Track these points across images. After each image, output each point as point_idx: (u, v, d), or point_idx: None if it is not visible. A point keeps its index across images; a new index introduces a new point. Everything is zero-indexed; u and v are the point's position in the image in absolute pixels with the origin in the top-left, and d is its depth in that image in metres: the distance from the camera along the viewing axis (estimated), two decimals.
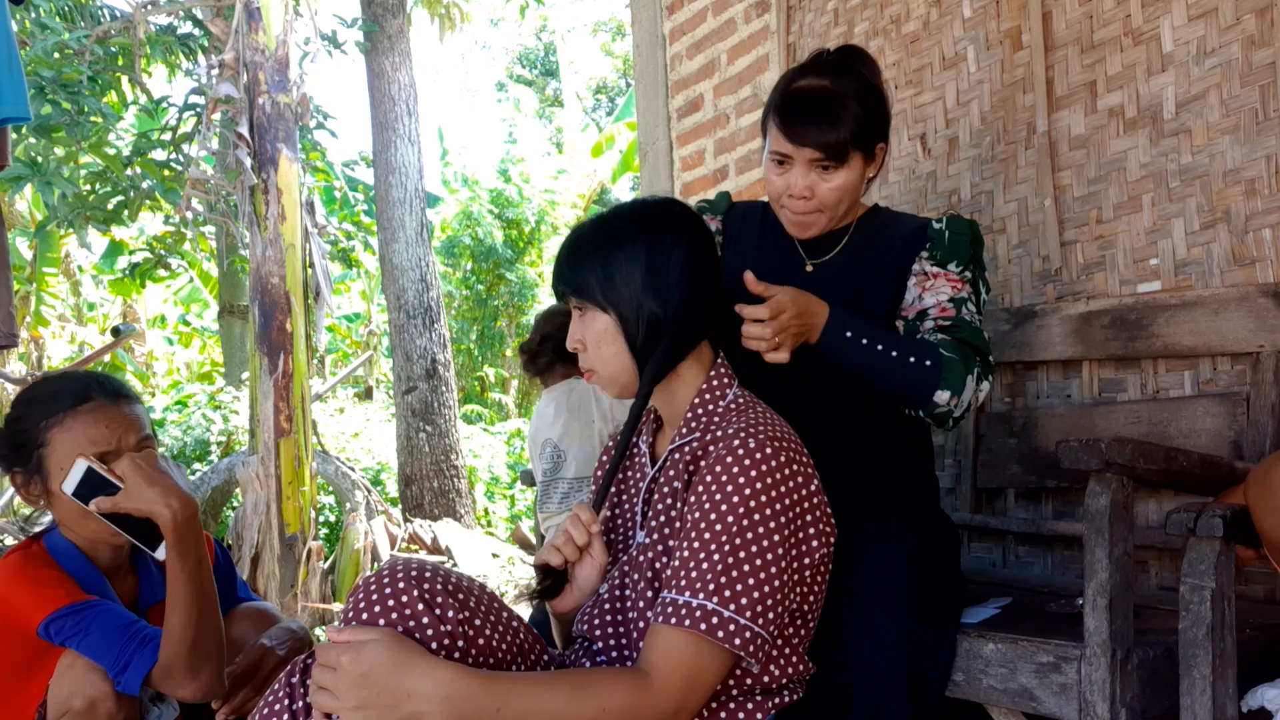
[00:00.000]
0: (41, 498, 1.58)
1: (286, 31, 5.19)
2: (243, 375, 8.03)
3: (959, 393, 1.55)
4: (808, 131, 1.60)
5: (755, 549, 1.20)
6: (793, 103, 1.64)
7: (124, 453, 1.55)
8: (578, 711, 1.12)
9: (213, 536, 1.86)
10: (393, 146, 7.25)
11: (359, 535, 5.59)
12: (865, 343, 1.54)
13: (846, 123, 1.60)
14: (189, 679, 1.48)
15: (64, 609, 1.48)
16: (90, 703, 1.47)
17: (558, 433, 2.87)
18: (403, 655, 1.11)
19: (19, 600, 1.50)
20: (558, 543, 1.42)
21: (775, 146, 1.65)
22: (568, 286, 1.40)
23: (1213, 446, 1.82)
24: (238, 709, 1.59)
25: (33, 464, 1.56)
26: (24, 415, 1.58)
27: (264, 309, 5.03)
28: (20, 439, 1.56)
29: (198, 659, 1.49)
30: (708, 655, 1.18)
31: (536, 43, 19.18)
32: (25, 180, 5.40)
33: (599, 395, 2.82)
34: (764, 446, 1.25)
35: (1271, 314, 1.78)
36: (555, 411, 2.88)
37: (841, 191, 1.65)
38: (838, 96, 1.61)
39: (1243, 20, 1.87)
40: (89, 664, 1.48)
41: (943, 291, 1.65)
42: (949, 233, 1.68)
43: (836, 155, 1.61)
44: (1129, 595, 1.41)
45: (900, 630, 1.48)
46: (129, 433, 1.57)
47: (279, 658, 1.65)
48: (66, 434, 1.54)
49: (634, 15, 3.62)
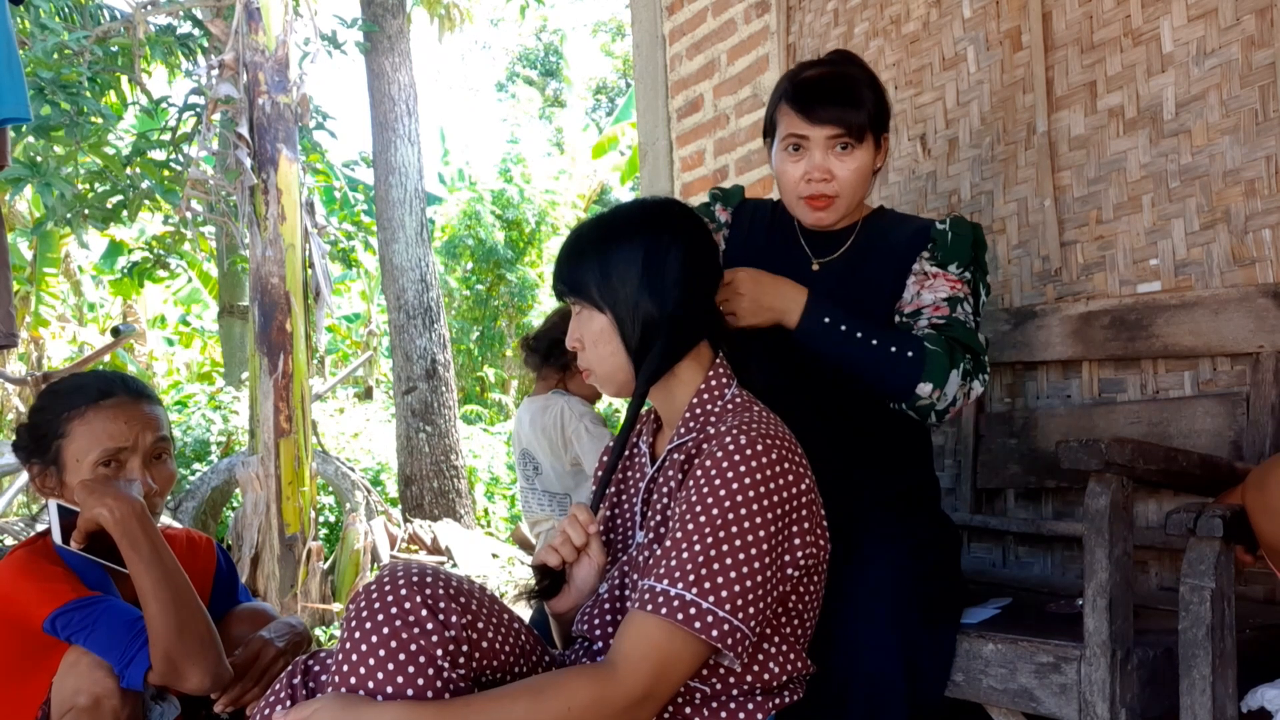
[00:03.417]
0: (56, 490, 1.60)
1: (286, 32, 5.19)
2: (243, 375, 8.03)
3: (941, 386, 1.54)
4: (828, 110, 1.63)
5: (739, 543, 1.20)
6: (809, 86, 1.66)
7: (140, 450, 1.59)
8: (542, 716, 1.12)
9: (214, 540, 1.88)
10: (393, 146, 7.25)
11: (359, 535, 5.59)
12: (844, 329, 1.55)
13: (864, 103, 1.64)
14: (189, 667, 1.48)
15: (70, 604, 1.49)
16: (95, 700, 1.47)
17: (533, 445, 2.92)
18: (351, 705, 1.11)
19: (24, 596, 1.51)
20: (555, 543, 1.43)
21: (791, 129, 1.66)
22: (566, 285, 1.40)
23: (1213, 447, 1.82)
24: (236, 700, 1.59)
25: (50, 454, 1.59)
26: (47, 406, 1.62)
27: (264, 309, 5.03)
28: (41, 430, 1.60)
29: (189, 645, 1.48)
30: (681, 644, 1.18)
31: (537, 43, 19.17)
32: (25, 181, 5.40)
33: (565, 420, 2.82)
34: (755, 444, 1.25)
35: (1271, 314, 1.78)
36: (530, 423, 2.91)
37: (858, 174, 1.66)
38: (852, 78, 1.66)
39: (1243, 20, 1.87)
40: (94, 661, 1.48)
41: (940, 290, 1.65)
42: (951, 234, 1.68)
43: (856, 133, 1.63)
44: (1129, 595, 1.41)
45: (899, 630, 1.48)
46: (146, 431, 1.61)
47: (278, 649, 1.66)
48: (86, 426, 1.57)
49: (634, 15, 3.62)
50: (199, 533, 1.88)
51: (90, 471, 1.57)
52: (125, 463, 1.60)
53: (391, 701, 1.12)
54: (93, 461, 1.57)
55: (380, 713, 1.11)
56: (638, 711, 1.17)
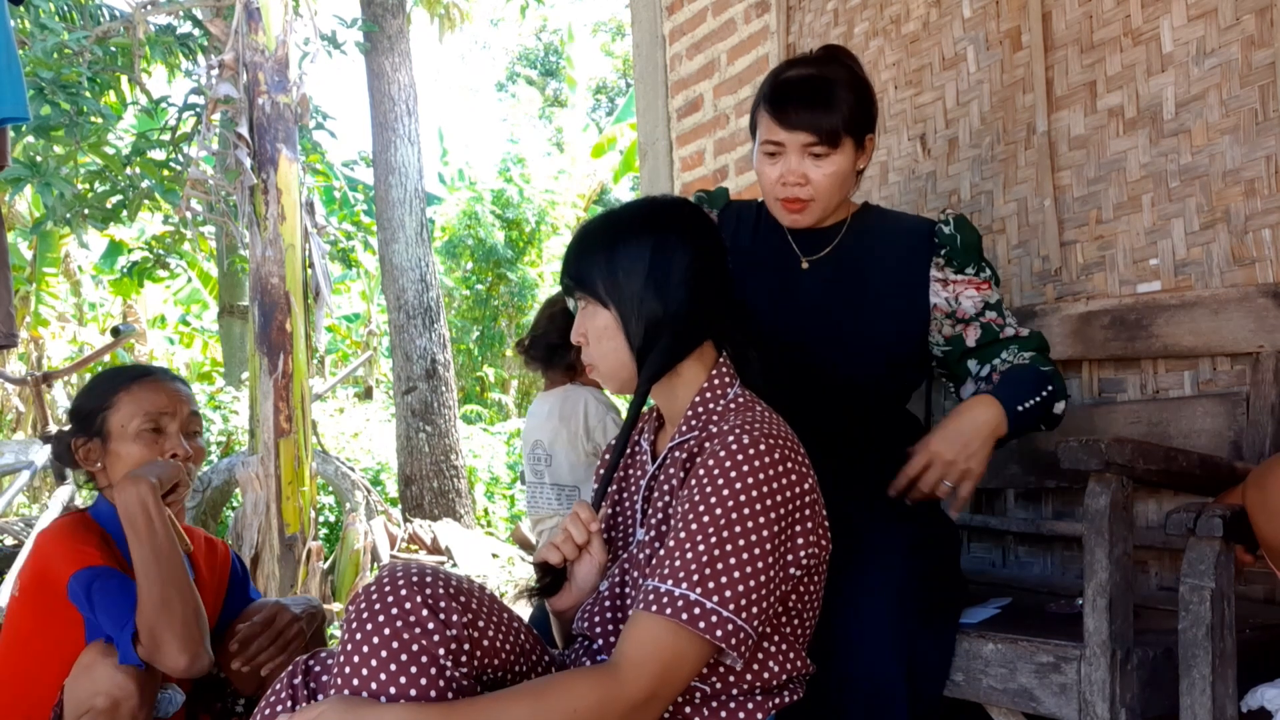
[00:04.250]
0: (100, 459, 1.71)
1: (286, 32, 5.18)
2: (242, 375, 8.03)
3: (1067, 397, 1.67)
4: (801, 116, 1.62)
5: (742, 542, 1.20)
6: (784, 90, 1.65)
7: (179, 418, 1.73)
8: (546, 718, 1.12)
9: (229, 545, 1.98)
10: (393, 146, 7.25)
11: (359, 535, 5.58)
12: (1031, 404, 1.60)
13: (839, 107, 1.62)
14: (169, 642, 1.51)
15: (93, 568, 1.57)
16: (114, 702, 1.51)
17: (547, 435, 2.90)
18: (355, 708, 1.11)
19: (56, 556, 1.61)
20: (557, 541, 1.43)
21: (767, 135, 1.66)
22: (572, 279, 1.40)
23: (1213, 446, 1.82)
24: (251, 658, 1.69)
25: (95, 426, 1.71)
26: (93, 387, 1.76)
27: (264, 309, 5.02)
28: (87, 407, 1.73)
29: (172, 621, 1.52)
30: (686, 644, 1.18)
31: (536, 43, 19.17)
32: (25, 181, 5.39)
33: (590, 409, 2.83)
34: (758, 443, 1.25)
35: (1271, 314, 1.78)
36: (547, 414, 2.91)
37: (834, 178, 1.66)
38: (829, 82, 1.64)
39: (1243, 20, 1.87)
40: (113, 663, 1.52)
41: (974, 297, 1.70)
42: (960, 236, 1.70)
43: (830, 139, 1.62)
44: (1129, 595, 1.41)
45: (898, 630, 1.48)
46: (184, 404, 1.76)
47: (293, 614, 1.76)
48: (130, 397, 1.71)
49: (634, 15, 3.62)
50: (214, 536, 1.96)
51: (134, 438, 1.69)
52: (165, 429, 1.71)
53: (395, 703, 1.12)
54: (137, 428, 1.69)
55: (384, 715, 1.11)
56: (643, 712, 1.17)
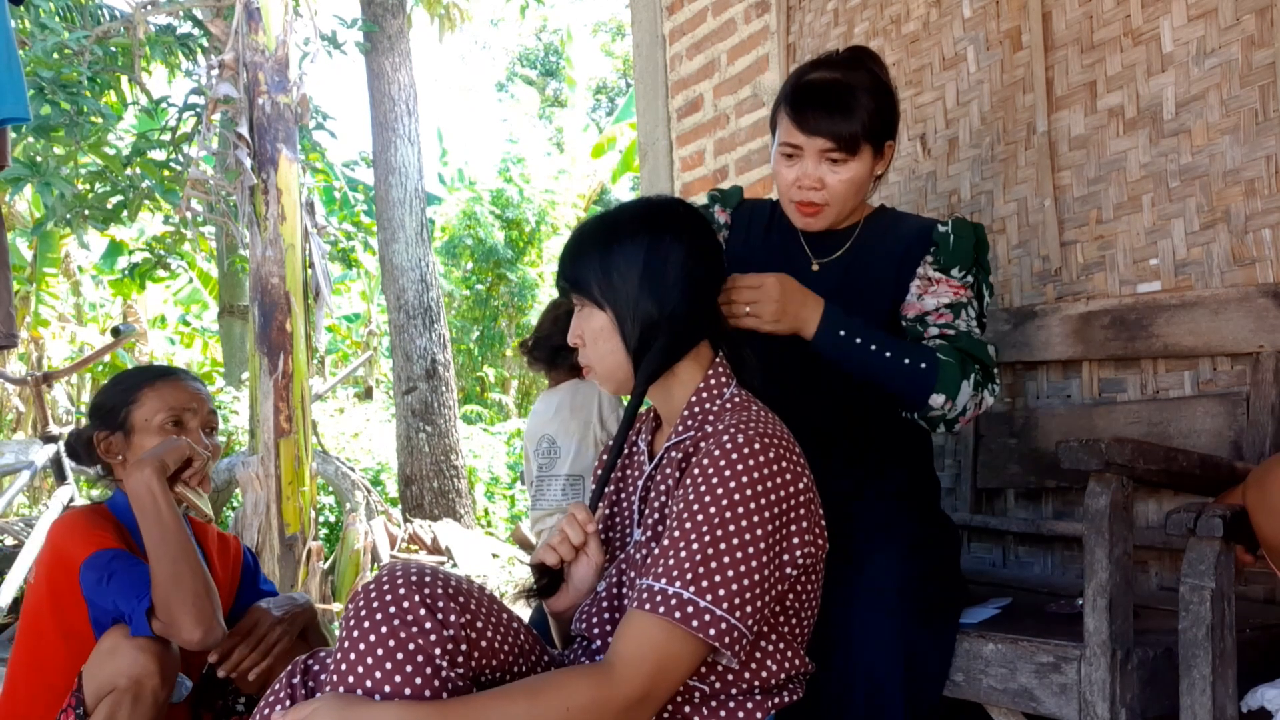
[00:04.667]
0: (122, 452, 1.78)
1: (286, 32, 5.17)
2: (243, 375, 8.04)
3: (953, 397, 1.56)
4: (820, 122, 1.61)
5: (736, 541, 1.19)
6: (805, 93, 1.64)
7: (200, 414, 1.81)
8: (540, 717, 1.12)
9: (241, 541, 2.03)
10: (393, 146, 7.25)
11: (359, 535, 5.58)
12: (859, 342, 1.56)
13: (859, 114, 1.61)
14: (183, 616, 1.55)
15: (106, 551, 1.63)
16: (136, 681, 1.54)
17: (555, 427, 2.89)
18: (349, 705, 1.12)
19: (71, 541, 1.67)
20: (554, 542, 1.42)
21: (786, 138, 1.65)
22: (568, 281, 1.40)
23: (1213, 446, 1.82)
24: (234, 666, 1.71)
25: (119, 420, 1.78)
26: (118, 382, 1.84)
27: (264, 309, 5.02)
28: (112, 401, 1.80)
29: (185, 595, 1.56)
30: (680, 643, 1.18)
31: (536, 43, 19.17)
32: (25, 181, 5.39)
33: (604, 399, 2.84)
34: (753, 442, 1.24)
35: (1271, 314, 1.77)
36: (556, 408, 2.90)
37: (850, 185, 1.65)
38: (850, 88, 1.62)
39: (1243, 20, 1.87)
40: (135, 644, 1.56)
41: (943, 296, 1.66)
42: (953, 237, 1.68)
43: (848, 146, 1.61)
44: (1129, 595, 1.41)
45: (898, 630, 1.48)
46: (203, 402, 1.84)
47: (275, 618, 1.79)
48: (155, 392, 1.80)
49: (634, 15, 3.62)
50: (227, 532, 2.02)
51: (157, 431, 1.76)
52: (187, 424, 1.80)
53: (389, 701, 1.12)
54: (160, 422, 1.77)
55: (378, 712, 1.11)
56: (637, 711, 1.17)
